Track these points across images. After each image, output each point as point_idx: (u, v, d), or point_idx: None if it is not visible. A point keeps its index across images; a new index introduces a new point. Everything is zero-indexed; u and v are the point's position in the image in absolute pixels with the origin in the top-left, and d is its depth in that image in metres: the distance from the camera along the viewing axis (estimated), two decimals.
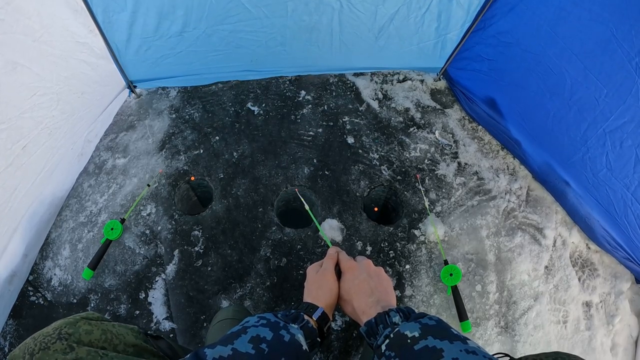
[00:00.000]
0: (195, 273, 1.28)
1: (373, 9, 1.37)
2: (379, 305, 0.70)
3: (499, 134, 1.58)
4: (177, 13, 1.30)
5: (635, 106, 1.06)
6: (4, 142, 1.05)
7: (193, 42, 1.43)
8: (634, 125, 1.09)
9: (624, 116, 1.10)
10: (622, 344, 1.32)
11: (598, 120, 1.17)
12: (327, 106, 1.65)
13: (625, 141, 1.13)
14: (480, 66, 1.51)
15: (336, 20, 1.40)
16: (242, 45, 1.49)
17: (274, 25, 1.41)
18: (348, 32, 1.46)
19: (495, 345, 1.23)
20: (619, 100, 1.09)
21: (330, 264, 0.85)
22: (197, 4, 1.28)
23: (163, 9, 1.28)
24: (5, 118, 1.03)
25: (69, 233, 1.34)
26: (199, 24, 1.36)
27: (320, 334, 0.71)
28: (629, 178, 1.17)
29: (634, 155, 1.13)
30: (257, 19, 1.37)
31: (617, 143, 1.15)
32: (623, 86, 1.07)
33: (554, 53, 1.22)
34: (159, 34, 1.36)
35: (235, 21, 1.37)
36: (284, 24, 1.40)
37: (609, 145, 1.18)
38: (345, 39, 1.50)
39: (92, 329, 0.63)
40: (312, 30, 1.44)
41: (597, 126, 1.18)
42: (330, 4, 1.34)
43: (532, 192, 1.49)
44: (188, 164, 1.47)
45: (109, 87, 1.50)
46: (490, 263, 1.32)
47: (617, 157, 1.17)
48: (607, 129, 1.16)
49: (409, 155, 1.54)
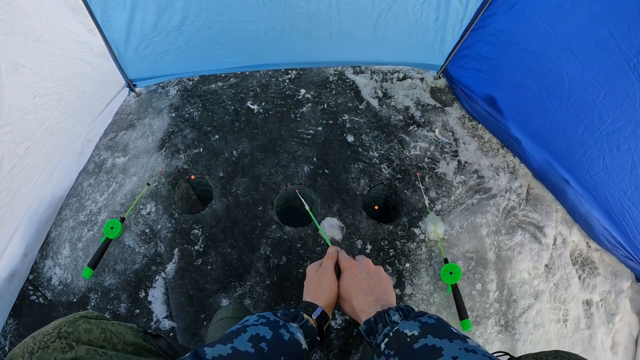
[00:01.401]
0: (195, 272, 1.28)
1: None
2: (378, 304, 0.70)
3: (499, 133, 1.58)
4: (176, 6, 1.30)
5: (632, 109, 1.04)
6: (8, 145, 1.05)
7: (192, 35, 1.43)
8: (631, 129, 1.07)
9: (621, 119, 1.08)
10: (623, 343, 1.32)
11: (595, 123, 1.16)
12: (326, 104, 1.65)
13: (622, 145, 1.11)
14: (480, 65, 1.51)
15: (334, 7, 1.40)
16: (242, 37, 1.49)
17: (273, 14, 1.40)
18: (347, 20, 1.46)
19: (496, 344, 1.23)
20: (616, 103, 1.08)
21: (330, 264, 0.85)
22: None
23: (162, 2, 1.28)
24: (9, 120, 1.03)
25: (68, 232, 1.34)
26: (198, 15, 1.35)
27: (319, 333, 0.71)
28: (625, 182, 1.16)
29: (630, 160, 1.11)
30: (256, 7, 1.37)
31: (614, 147, 1.14)
32: (620, 88, 1.05)
33: (553, 53, 1.21)
34: (158, 29, 1.36)
35: (234, 10, 1.36)
36: (282, 12, 1.40)
37: (606, 149, 1.16)
38: (344, 28, 1.49)
39: (91, 327, 0.63)
40: (310, 19, 1.44)
41: (594, 129, 1.17)
42: None
43: (532, 191, 1.48)
44: (188, 162, 1.47)
45: (108, 86, 1.50)
46: (491, 261, 1.32)
47: (614, 160, 1.16)
48: (604, 131, 1.15)
49: (409, 153, 1.53)
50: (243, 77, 1.71)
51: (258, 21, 1.43)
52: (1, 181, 1.04)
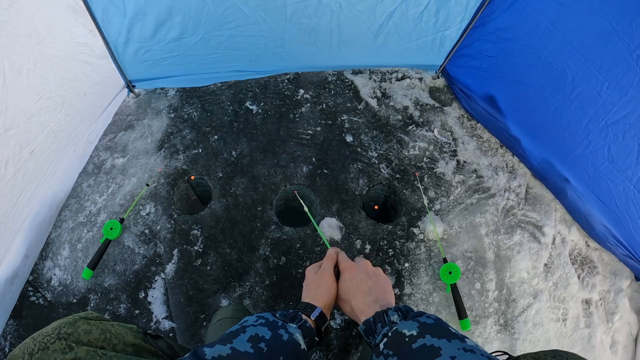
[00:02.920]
0: (195, 272, 1.28)
1: (372, 8, 1.37)
2: (377, 304, 0.70)
3: (498, 132, 1.58)
4: (174, 19, 1.30)
5: (637, 98, 1.07)
6: (13, 148, 1.04)
7: (191, 46, 1.43)
8: (636, 117, 1.10)
9: (626, 108, 1.11)
10: (622, 342, 1.32)
11: (599, 113, 1.18)
12: (325, 105, 1.65)
13: (628, 132, 1.13)
14: (480, 63, 1.51)
15: (335, 21, 1.40)
16: (241, 48, 1.50)
17: (273, 29, 1.41)
18: (347, 31, 1.46)
19: (495, 343, 1.23)
20: (620, 93, 1.10)
21: (329, 265, 0.85)
22: (195, 10, 1.28)
23: (160, 15, 1.28)
24: (14, 123, 1.03)
25: (68, 233, 1.34)
26: (197, 29, 1.36)
27: (318, 334, 0.71)
28: (631, 170, 1.18)
29: (637, 147, 1.13)
30: (256, 23, 1.37)
31: (620, 135, 1.16)
32: (624, 78, 1.07)
33: (554, 48, 1.22)
34: (157, 39, 1.36)
35: (234, 27, 1.37)
36: (282, 27, 1.40)
37: (611, 138, 1.18)
38: (344, 38, 1.50)
39: (91, 328, 0.63)
40: (311, 32, 1.44)
41: (599, 119, 1.19)
42: (330, 6, 1.34)
43: (532, 190, 1.48)
44: (187, 163, 1.47)
45: (108, 87, 1.50)
46: (490, 261, 1.32)
47: (620, 149, 1.18)
48: (609, 121, 1.17)
49: (408, 153, 1.53)
50: None
51: (258, 35, 1.43)
52: (5, 185, 1.04)
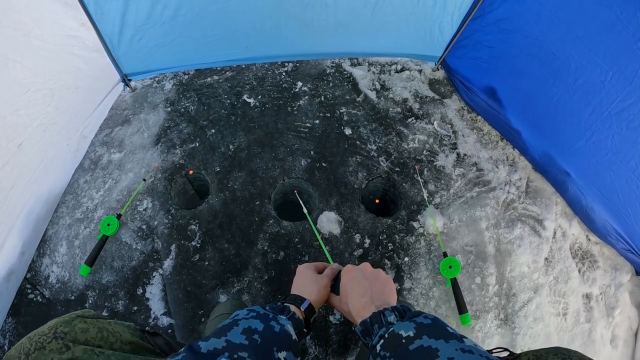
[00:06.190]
0: (193, 268, 1.27)
1: None
2: (373, 305, 0.69)
3: (498, 124, 1.56)
4: None
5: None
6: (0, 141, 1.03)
7: (187, 26, 1.40)
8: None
9: (631, 97, 1.09)
10: (622, 336, 1.32)
11: (603, 103, 1.16)
12: (324, 97, 1.62)
13: (632, 122, 1.12)
14: (480, 54, 1.48)
15: None
16: (237, 28, 1.46)
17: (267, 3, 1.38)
18: (343, 7, 1.43)
19: (495, 338, 1.23)
20: (625, 82, 1.08)
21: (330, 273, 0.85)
22: None
23: None
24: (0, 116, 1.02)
25: (65, 230, 1.33)
26: (192, 5, 1.33)
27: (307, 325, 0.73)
28: (635, 160, 1.17)
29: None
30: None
31: (624, 125, 1.15)
32: (629, 67, 1.06)
33: (556, 38, 1.20)
34: (152, 19, 1.33)
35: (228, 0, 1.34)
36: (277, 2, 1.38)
37: (615, 128, 1.17)
38: (340, 17, 1.46)
39: (88, 327, 0.63)
40: (306, 7, 1.41)
41: (603, 109, 1.17)
42: None
43: (532, 183, 1.47)
44: (184, 157, 1.46)
45: (103, 81, 1.48)
46: (490, 255, 1.31)
47: (623, 139, 1.16)
48: (613, 111, 1.15)
49: (408, 146, 1.52)
50: (239, 70, 1.69)
51: (253, 11, 1.40)
52: None
